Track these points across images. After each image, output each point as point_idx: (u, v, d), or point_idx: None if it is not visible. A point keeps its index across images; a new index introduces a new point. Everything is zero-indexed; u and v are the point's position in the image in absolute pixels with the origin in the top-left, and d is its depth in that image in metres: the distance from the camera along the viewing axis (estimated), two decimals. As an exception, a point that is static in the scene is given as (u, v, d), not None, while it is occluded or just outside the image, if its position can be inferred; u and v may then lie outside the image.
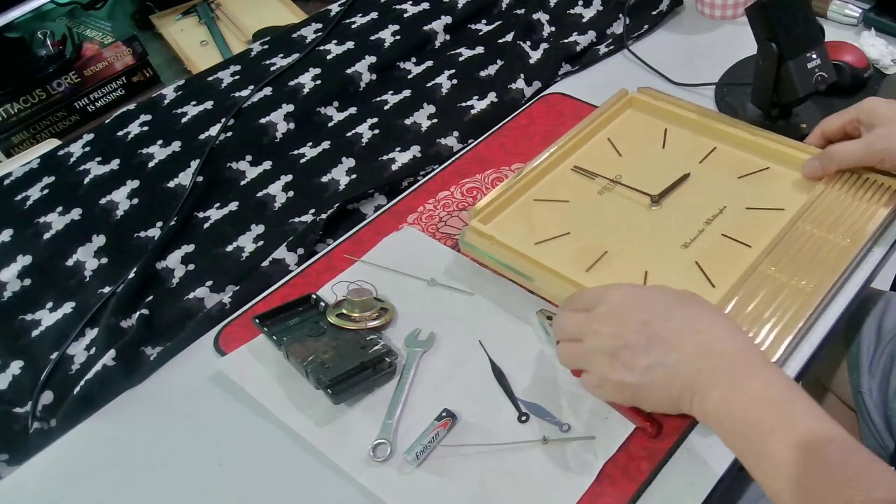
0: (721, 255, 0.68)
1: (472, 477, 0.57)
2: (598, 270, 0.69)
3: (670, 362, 0.51)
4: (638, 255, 0.70)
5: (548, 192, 0.77)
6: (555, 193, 0.77)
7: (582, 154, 0.81)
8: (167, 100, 1.02)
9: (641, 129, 0.83)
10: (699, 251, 0.69)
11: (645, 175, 0.77)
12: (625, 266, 0.69)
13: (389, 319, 0.69)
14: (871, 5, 0.98)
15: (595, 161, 0.79)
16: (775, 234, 0.68)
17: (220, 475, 0.61)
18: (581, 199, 0.76)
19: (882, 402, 0.77)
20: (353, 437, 0.61)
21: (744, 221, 0.71)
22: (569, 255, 0.71)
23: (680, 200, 0.74)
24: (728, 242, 0.69)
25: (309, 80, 1.01)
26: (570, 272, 0.65)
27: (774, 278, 0.64)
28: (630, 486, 0.56)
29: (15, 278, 0.81)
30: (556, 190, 0.77)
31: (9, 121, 1.03)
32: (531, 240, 0.72)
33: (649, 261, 0.69)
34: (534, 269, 0.68)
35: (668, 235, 0.71)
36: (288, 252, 0.78)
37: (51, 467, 0.63)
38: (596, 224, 0.73)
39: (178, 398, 0.67)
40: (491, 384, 0.64)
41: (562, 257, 0.69)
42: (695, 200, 0.74)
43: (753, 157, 0.77)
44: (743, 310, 0.62)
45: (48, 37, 1.10)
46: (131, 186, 0.90)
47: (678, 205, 0.74)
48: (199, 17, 1.23)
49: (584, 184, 0.77)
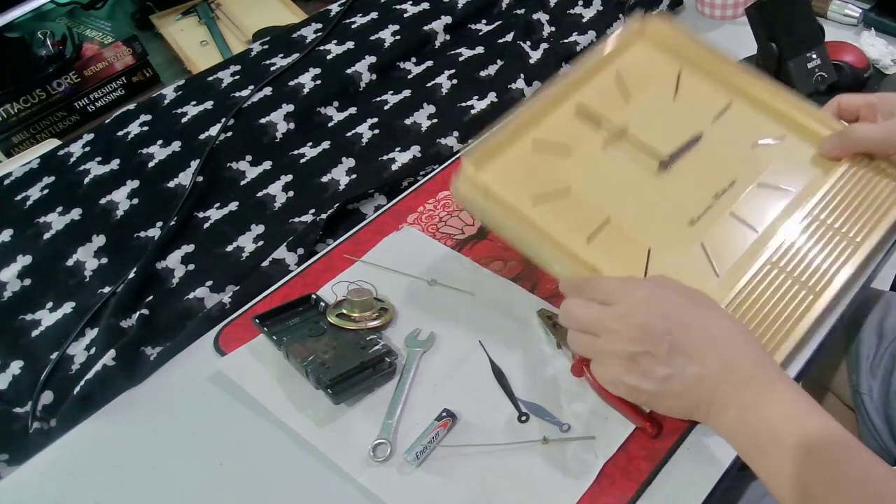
0: (727, 239, 0.65)
1: (472, 477, 0.57)
2: (599, 243, 0.64)
3: (689, 375, 0.51)
4: (642, 229, 0.65)
5: (549, 133, 0.69)
6: (556, 137, 0.69)
7: (588, 91, 0.72)
8: (167, 100, 1.02)
9: (653, 68, 0.75)
10: (705, 230, 0.65)
11: (653, 128, 0.70)
12: (628, 241, 0.65)
13: (389, 319, 0.69)
14: (871, 5, 0.98)
15: (601, 102, 0.71)
16: (785, 220, 0.66)
17: (220, 475, 0.61)
18: (584, 152, 0.69)
19: (883, 404, 0.77)
20: (353, 437, 0.61)
21: (753, 200, 0.67)
22: (569, 218, 0.65)
23: (689, 167, 0.69)
24: (735, 224, 0.66)
25: (309, 80, 1.01)
26: (570, 241, 0.62)
27: (782, 271, 0.62)
28: (630, 486, 0.56)
29: (15, 278, 0.81)
30: (558, 134, 0.69)
31: (9, 121, 1.03)
32: (529, 196, 0.66)
33: (653, 236, 0.65)
34: (530, 234, 0.63)
35: (674, 208, 0.66)
36: (288, 252, 0.78)
37: (51, 467, 0.63)
38: (599, 184, 0.67)
39: (178, 398, 0.67)
40: (491, 384, 0.64)
41: (562, 221, 0.64)
42: (705, 168, 0.69)
43: (770, 123, 0.72)
44: (743, 306, 0.61)
45: (48, 37, 1.10)
46: (131, 186, 0.90)
47: (687, 172, 0.68)
48: (199, 17, 1.23)
49: (588, 134, 0.70)
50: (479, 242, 0.76)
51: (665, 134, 0.69)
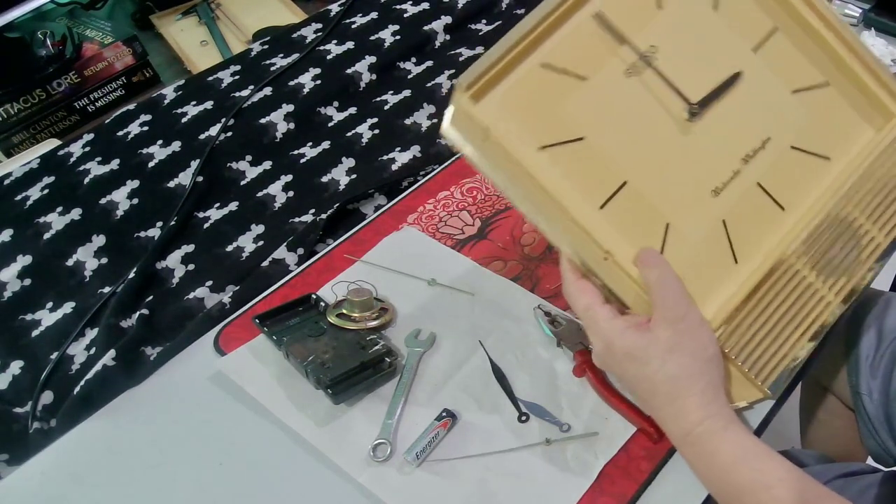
0: (751, 217, 0.59)
1: (472, 476, 0.57)
2: (614, 211, 0.56)
3: (651, 407, 0.56)
4: (661, 195, 0.57)
5: (561, 56, 0.56)
6: (569, 61, 0.56)
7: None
8: (167, 100, 1.02)
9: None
10: (729, 204, 0.58)
11: (685, 53, 0.59)
12: (645, 211, 0.57)
13: (389, 319, 0.69)
14: (871, 5, 0.98)
15: (626, 11, 0.57)
16: (814, 197, 0.61)
17: (220, 475, 0.61)
18: (602, 81, 0.57)
19: (883, 404, 0.77)
20: (353, 437, 0.61)
21: (784, 167, 0.60)
22: (582, 176, 0.55)
23: (721, 117, 0.59)
24: (762, 199, 0.60)
25: (309, 80, 1.01)
26: (580, 209, 0.54)
27: (801, 275, 0.58)
28: (630, 486, 0.56)
29: (15, 278, 0.81)
30: (572, 55, 0.56)
31: (9, 121, 1.03)
32: (535, 142, 0.54)
33: (673, 206, 0.57)
34: (536, 195, 0.54)
35: (699, 170, 0.58)
36: (288, 252, 0.78)
37: (51, 467, 0.63)
38: (618, 130, 0.57)
39: (178, 398, 0.67)
40: (491, 384, 0.64)
41: (573, 180, 0.55)
42: (738, 120, 0.60)
43: (812, 64, 0.63)
44: (757, 310, 0.57)
45: (48, 37, 1.10)
46: (131, 186, 0.90)
47: (718, 123, 0.59)
48: (199, 17, 1.23)
49: (608, 56, 0.57)
50: (479, 242, 0.76)
51: (698, 64, 0.59)
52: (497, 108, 0.54)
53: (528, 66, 0.55)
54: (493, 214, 0.79)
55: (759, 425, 0.59)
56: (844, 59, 0.62)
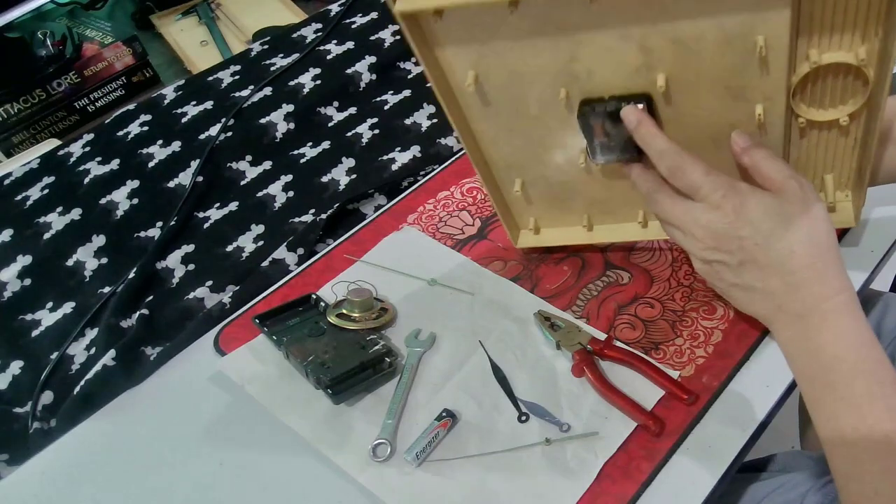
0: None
1: (472, 476, 0.57)
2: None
3: (754, 289, 0.53)
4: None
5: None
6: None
7: None
8: (167, 100, 1.02)
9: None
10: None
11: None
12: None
13: (389, 319, 0.69)
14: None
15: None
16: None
17: (220, 475, 0.61)
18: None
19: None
20: (353, 437, 0.61)
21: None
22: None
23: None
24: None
25: (309, 80, 1.01)
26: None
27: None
28: (630, 486, 0.56)
29: (15, 278, 0.81)
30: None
31: (9, 121, 1.03)
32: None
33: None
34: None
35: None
36: (288, 252, 0.78)
37: (51, 467, 0.63)
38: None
39: (178, 398, 0.67)
40: (491, 384, 0.64)
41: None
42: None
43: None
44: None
45: (48, 37, 1.10)
46: (131, 186, 0.90)
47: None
48: (199, 17, 1.23)
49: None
50: (479, 242, 0.76)
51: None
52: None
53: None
54: (493, 214, 0.79)
55: (759, 425, 0.59)
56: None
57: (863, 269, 0.68)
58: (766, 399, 0.60)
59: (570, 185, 0.66)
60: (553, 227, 0.72)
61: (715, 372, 0.62)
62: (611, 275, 0.71)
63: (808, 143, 0.59)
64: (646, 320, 0.67)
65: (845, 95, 0.55)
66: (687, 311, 0.67)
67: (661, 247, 0.73)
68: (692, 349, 0.64)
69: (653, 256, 0.72)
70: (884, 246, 0.70)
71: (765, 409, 0.60)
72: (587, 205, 0.68)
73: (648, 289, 0.69)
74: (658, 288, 0.69)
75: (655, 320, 0.67)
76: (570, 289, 0.71)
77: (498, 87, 0.59)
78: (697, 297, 0.68)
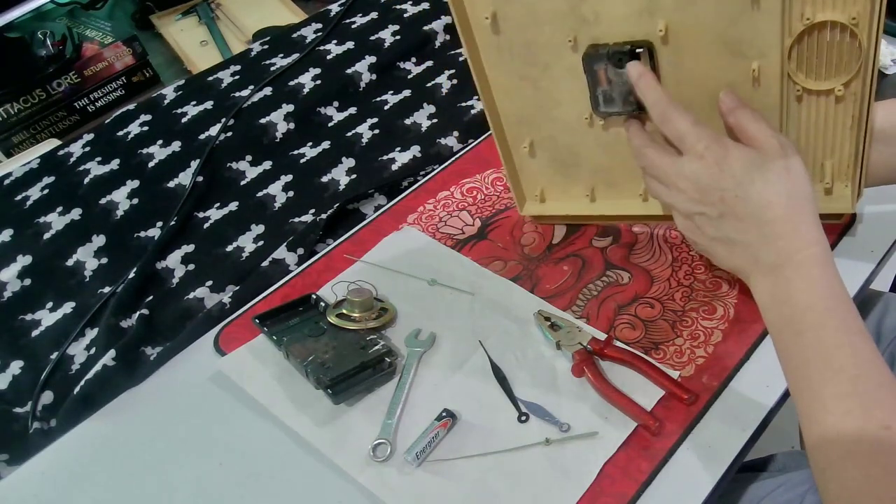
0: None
1: (472, 477, 0.57)
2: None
3: (733, 241, 0.55)
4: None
5: None
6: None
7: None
8: (167, 100, 1.02)
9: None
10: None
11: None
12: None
13: (389, 319, 0.69)
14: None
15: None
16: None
17: (220, 475, 0.61)
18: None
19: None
20: (353, 437, 0.61)
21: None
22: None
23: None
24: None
25: (309, 80, 1.01)
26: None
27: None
28: (630, 486, 0.56)
29: (15, 278, 0.81)
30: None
31: (9, 121, 1.03)
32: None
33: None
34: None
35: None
36: (288, 252, 0.78)
37: (51, 467, 0.63)
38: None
39: (178, 398, 0.67)
40: (491, 384, 0.64)
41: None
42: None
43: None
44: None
45: (48, 37, 1.10)
46: (131, 186, 0.90)
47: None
48: (199, 17, 1.23)
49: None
50: (479, 242, 0.76)
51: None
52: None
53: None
54: (493, 214, 0.79)
55: (759, 425, 0.59)
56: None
57: (863, 269, 0.68)
58: (766, 399, 0.60)
59: (575, 149, 0.70)
60: (558, 200, 0.75)
61: (715, 372, 0.62)
62: (611, 275, 0.71)
63: (805, 118, 0.60)
64: (646, 320, 0.67)
65: (840, 66, 0.56)
66: (687, 311, 0.67)
67: (661, 247, 0.73)
68: (692, 349, 0.64)
69: (653, 256, 0.72)
70: (884, 246, 0.70)
71: (765, 409, 0.60)
72: (591, 173, 0.71)
73: (648, 289, 0.69)
74: (658, 288, 0.69)
75: (655, 320, 0.67)
76: (570, 289, 0.71)
77: (513, 28, 0.63)
78: (697, 297, 0.68)
